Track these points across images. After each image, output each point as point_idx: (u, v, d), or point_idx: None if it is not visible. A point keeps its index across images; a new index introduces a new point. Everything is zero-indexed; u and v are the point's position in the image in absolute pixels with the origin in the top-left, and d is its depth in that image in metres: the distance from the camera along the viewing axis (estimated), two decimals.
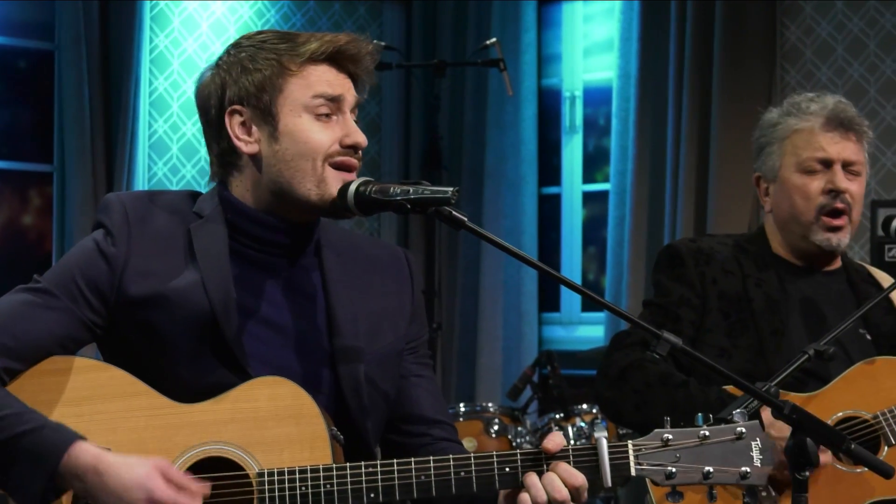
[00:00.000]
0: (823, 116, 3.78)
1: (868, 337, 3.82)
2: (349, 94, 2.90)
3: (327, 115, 2.86)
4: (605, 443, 2.66)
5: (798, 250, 3.86)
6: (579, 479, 2.65)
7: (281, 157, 2.85)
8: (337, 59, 2.89)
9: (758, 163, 3.93)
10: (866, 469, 2.89)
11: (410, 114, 8.38)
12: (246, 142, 2.88)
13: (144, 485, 2.59)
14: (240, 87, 2.87)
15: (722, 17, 7.16)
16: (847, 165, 3.77)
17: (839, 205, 3.75)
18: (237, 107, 2.87)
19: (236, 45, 2.93)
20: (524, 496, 2.66)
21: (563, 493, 2.64)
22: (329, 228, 3.04)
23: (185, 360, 2.81)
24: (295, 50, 2.86)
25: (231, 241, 2.90)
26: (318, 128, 2.85)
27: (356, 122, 2.92)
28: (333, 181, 2.84)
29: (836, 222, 3.76)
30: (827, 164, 3.76)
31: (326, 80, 2.87)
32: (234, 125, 2.88)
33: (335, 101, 2.87)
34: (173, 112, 7.58)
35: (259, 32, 2.93)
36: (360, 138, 2.87)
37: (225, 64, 2.91)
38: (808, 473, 2.77)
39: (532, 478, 2.67)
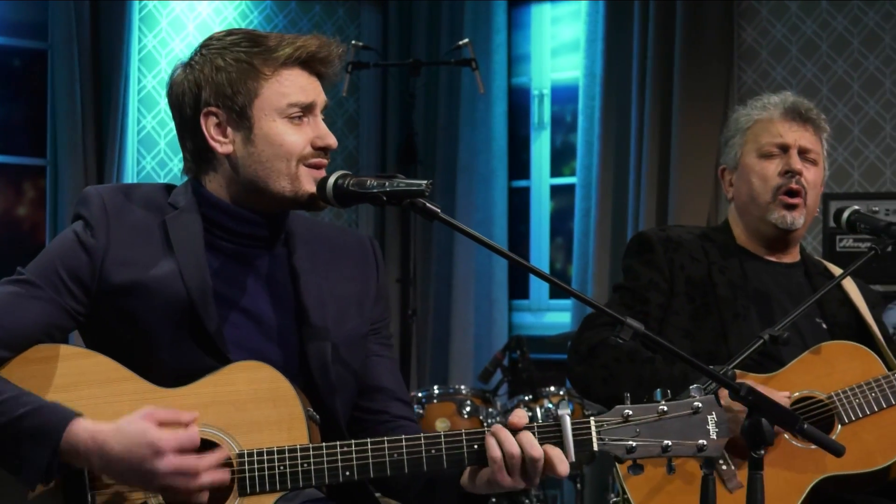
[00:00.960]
0: (783, 107, 3.87)
1: (824, 326, 3.85)
2: (320, 98, 2.92)
3: (300, 118, 2.87)
4: (568, 419, 2.67)
5: (757, 234, 3.89)
6: (540, 451, 2.65)
7: (256, 159, 2.86)
8: (309, 62, 2.90)
9: (722, 157, 4.00)
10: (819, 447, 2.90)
11: (387, 110, 8.36)
12: (221, 142, 2.88)
13: (144, 440, 2.58)
14: (215, 90, 2.86)
15: (682, 19, 7.16)
16: (803, 152, 3.83)
17: (794, 185, 3.80)
18: (212, 108, 2.87)
19: (207, 46, 2.92)
20: (495, 453, 2.65)
21: (539, 451, 2.64)
22: (297, 219, 3.05)
23: (165, 346, 2.81)
24: (269, 54, 2.86)
25: (206, 233, 2.90)
26: (292, 130, 2.86)
27: (325, 112, 2.94)
28: (306, 179, 2.86)
29: (792, 200, 3.81)
30: (784, 148, 3.82)
31: (300, 85, 2.88)
32: (209, 126, 2.88)
33: (308, 107, 2.88)
34: (161, 109, 7.56)
35: (228, 33, 2.92)
36: (331, 141, 2.89)
37: (198, 64, 2.89)
38: (763, 452, 2.79)
39: (504, 433, 2.66)
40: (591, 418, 2.69)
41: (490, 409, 6.02)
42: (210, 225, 2.91)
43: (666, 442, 2.67)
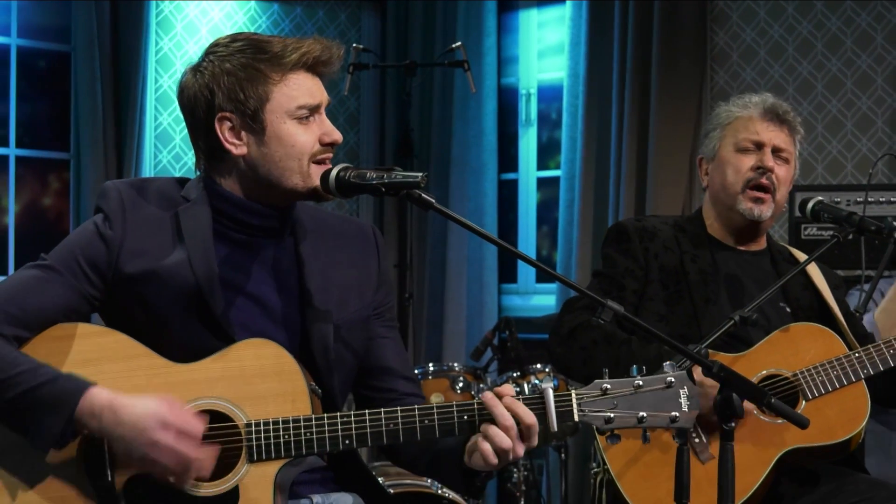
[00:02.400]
0: (763, 107, 3.88)
1: (788, 310, 3.86)
2: (324, 98, 2.92)
3: (307, 118, 2.87)
4: (551, 392, 2.69)
5: (727, 223, 3.90)
6: (532, 417, 2.67)
7: (270, 158, 2.86)
8: (313, 65, 2.90)
9: (701, 148, 4.02)
10: (785, 421, 2.90)
11: (385, 108, 8.35)
12: (236, 145, 2.88)
13: (155, 412, 2.61)
14: (227, 95, 2.85)
15: (659, 23, 7.15)
16: (777, 151, 3.85)
17: (764, 181, 3.82)
18: (226, 113, 2.86)
19: (214, 52, 2.90)
20: (491, 428, 2.67)
21: (531, 417, 2.67)
22: (303, 209, 3.05)
23: (176, 329, 2.82)
24: (276, 60, 2.86)
25: (215, 224, 2.90)
26: (301, 130, 2.87)
27: (328, 109, 2.94)
28: (315, 174, 2.87)
29: (759, 195, 3.83)
30: (759, 146, 3.84)
31: (307, 88, 2.88)
32: (223, 130, 2.88)
33: (314, 108, 2.89)
34: (176, 107, 7.51)
35: (233, 39, 2.91)
36: (337, 136, 2.90)
37: (208, 70, 2.88)
38: (734, 424, 2.79)
39: (499, 407, 2.68)
40: (573, 391, 2.71)
41: (481, 385, 6.01)
42: (220, 216, 2.92)
43: (641, 413, 2.69)
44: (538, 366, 6.10)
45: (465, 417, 2.71)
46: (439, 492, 4.63)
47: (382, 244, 3.15)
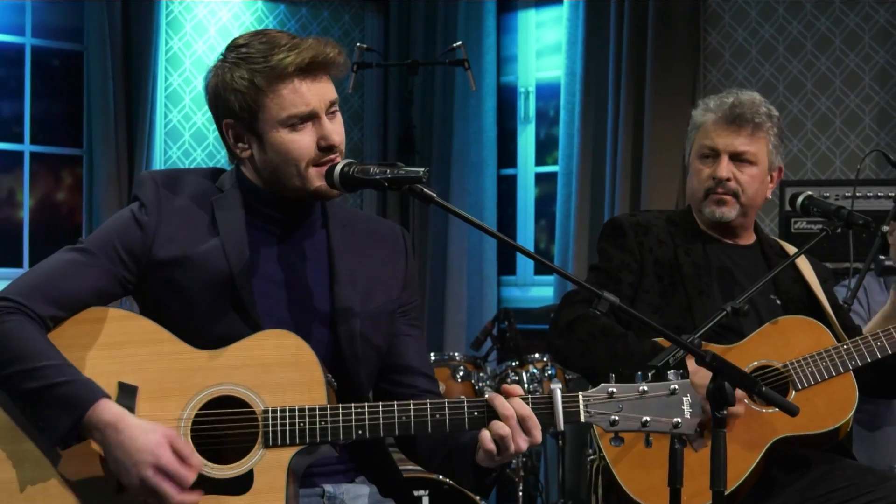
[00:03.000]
0: (719, 112, 3.82)
1: (778, 302, 3.86)
2: (321, 102, 2.88)
3: (302, 123, 2.86)
4: (559, 393, 2.70)
5: (705, 221, 3.90)
6: (526, 409, 2.69)
7: (269, 164, 2.88)
8: (309, 69, 2.87)
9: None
10: (776, 409, 2.90)
11: (388, 106, 8.35)
12: (241, 149, 2.92)
13: (154, 451, 2.62)
14: (226, 106, 2.88)
15: (654, 23, 7.15)
16: (738, 156, 3.79)
17: (720, 190, 3.79)
18: (229, 121, 2.90)
19: (225, 56, 2.92)
20: (495, 423, 2.68)
21: (527, 409, 2.68)
22: (337, 205, 3.06)
23: (206, 313, 2.84)
24: (270, 71, 2.83)
25: (247, 214, 2.93)
26: (297, 137, 2.86)
27: (334, 109, 2.91)
28: (315, 178, 2.87)
29: (721, 197, 3.81)
30: (715, 153, 3.79)
31: (299, 95, 2.86)
32: (229, 135, 2.92)
33: (307, 116, 2.86)
34: (185, 104, 7.54)
35: (247, 42, 2.90)
36: (336, 139, 2.88)
37: (217, 77, 2.90)
38: (725, 412, 2.79)
39: (499, 399, 2.70)
40: (580, 393, 2.72)
41: (481, 374, 6.02)
42: (251, 206, 2.94)
43: (645, 418, 2.70)
44: (536, 355, 6.11)
45: (476, 414, 2.72)
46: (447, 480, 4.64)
47: (411, 246, 3.15)
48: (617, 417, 2.69)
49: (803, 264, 3.94)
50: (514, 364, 6.13)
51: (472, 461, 2.80)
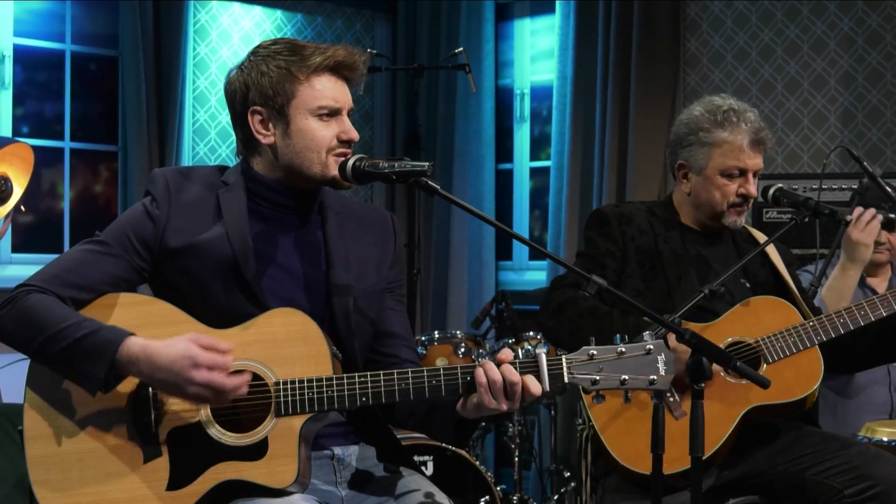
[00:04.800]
0: (750, 135, 3.75)
1: (748, 285, 3.86)
2: (346, 104, 2.92)
3: (327, 117, 2.88)
4: (544, 356, 2.70)
5: (701, 222, 3.89)
6: (517, 376, 2.67)
7: (293, 149, 2.88)
8: (337, 69, 2.90)
9: (683, 153, 3.86)
10: (748, 381, 2.90)
11: (396, 106, 8.34)
12: (264, 135, 2.91)
13: (185, 354, 2.62)
14: (259, 91, 2.88)
15: (637, 32, 7.13)
16: (756, 172, 3.79)
17: (746, 206, 3.80)
18: (257, 107, 2.89)
19: (255, 53, 2.95)
20: (482, 379, 2.67)
21: (516, 376, 2.67)
22: (331, 194, 3.07)
23: (215, 296, 2.84)
24: (303, 63, 2.88)
25: (250, 203, 2.93)
26: (322, 126, 2.88)
27: (351, 113, 2.95)
28: (333, 166, 2.89)
29: (741, 209, 3.81)
30: (744, 172, 3.77)
31: (330, 91, 2.90)
32: (255, 122, 2.91)
33: (334, 111, 2.90)
34: (212, 105, 7.53)
35: (274, 42, 2.95)
36: (354, 135, 2.91)
37: (247, 69, 2.92)
38: (703, 385, 2.80)
39: (490, 364, 2.69)
40: (563, 356, 2.72)
41: (480, 350, 6.02)
42: (254, 196, 2.95)
43: (623, 376, 2.70)
44: (530, 333, 6.12)
45: (468, 378, 2.72)
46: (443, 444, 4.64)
47: (399, 229, 3.17)
48: (598, 377, 2.69)
49: (770, 250, 3.94)
50: (510, 341, 6.14)
51: (452, 413, 2.81)
